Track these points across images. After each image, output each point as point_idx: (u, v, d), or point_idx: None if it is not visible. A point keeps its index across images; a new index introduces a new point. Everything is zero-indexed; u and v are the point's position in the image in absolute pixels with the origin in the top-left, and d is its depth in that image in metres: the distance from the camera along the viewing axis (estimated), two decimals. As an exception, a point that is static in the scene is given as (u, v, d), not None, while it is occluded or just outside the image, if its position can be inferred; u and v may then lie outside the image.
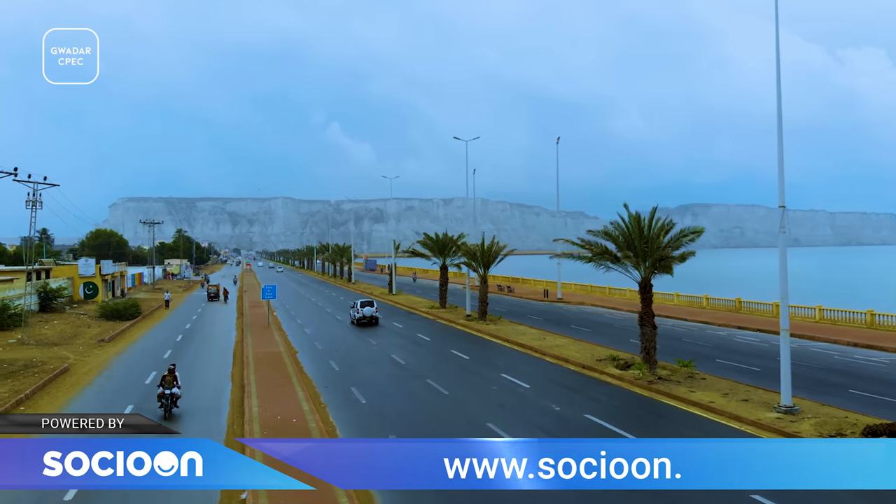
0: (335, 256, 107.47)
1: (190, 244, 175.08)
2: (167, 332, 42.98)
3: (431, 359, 31.74)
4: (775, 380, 24.64)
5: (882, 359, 30.00)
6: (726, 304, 50.10)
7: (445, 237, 52.59)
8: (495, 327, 40.47)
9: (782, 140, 19.68)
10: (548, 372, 27.62)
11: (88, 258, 65.97)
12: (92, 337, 39.21)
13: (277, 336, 39.44)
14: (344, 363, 30.49)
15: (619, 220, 26.74)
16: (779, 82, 19.65)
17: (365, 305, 45.02)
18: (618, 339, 36.17)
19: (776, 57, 19.58)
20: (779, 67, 19.60)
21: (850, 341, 34.21)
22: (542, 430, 18.69)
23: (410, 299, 63.59)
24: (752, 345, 34.85)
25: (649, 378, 24.68)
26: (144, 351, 35.50)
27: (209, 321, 49.52)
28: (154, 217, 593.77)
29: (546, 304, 59.63)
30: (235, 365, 30.81)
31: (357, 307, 45.23)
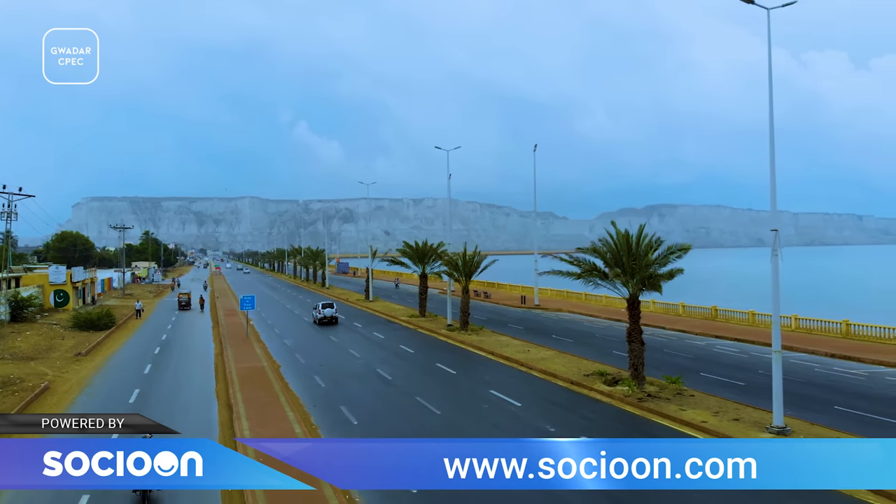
0: (308, 260, 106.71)
1: (158, 246, 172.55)
2: (144, 345, 42.27)
3: (417, 374, 31.64)
4: (761, 395, 25.10)
5: (861, 371, 30.60)
6: (702, 311, 50.73)
7: (425, 245, 52.51)
8: (478, 338, 40.49)
9: (774, 168, 19.94)
10: (537, 388, 27.69)
11: (59, 266, 64.69)
12: (68, 350, 38.43)
13: (258, 348, 39.03)
14: (329, 379, 30.25)
15: (608, 237, 26.97)
16: (771, 118, 19.91)
17: (326, 307, 51.04)
18: (601, 350, 36.41)
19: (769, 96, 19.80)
20: (771, 104, 19.85)
21: (828, 352, 34.84)
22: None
23: (388, 306, 63.35)
24: (732, 356, 35.32)
25: (639, 395, 24.88)
26: (124, 366, 34.87)
27: (185, 332, 48.80)
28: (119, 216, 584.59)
29: (524, 310, 59.87)
30: (219, 381, 30.39)
31: (319, 309, 51.16)
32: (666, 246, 26.39)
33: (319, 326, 49.77)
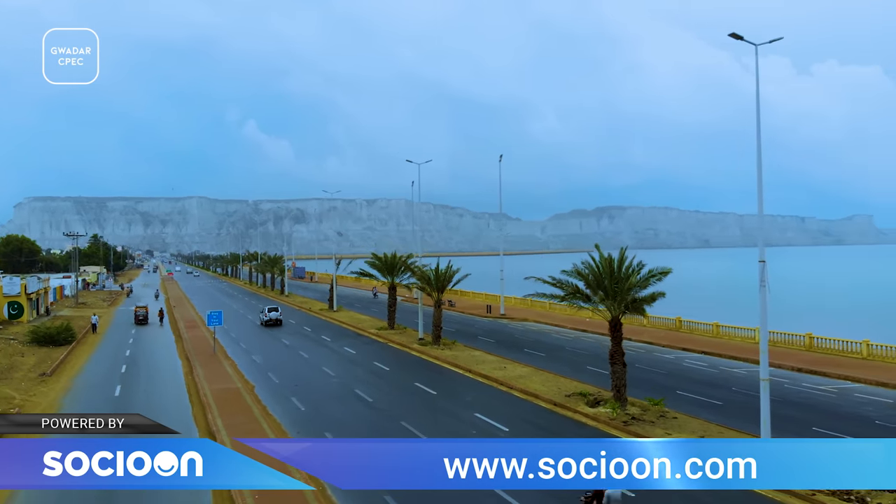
0: (266, 267, 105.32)
1: (108, 250, 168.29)
2: (108, 362, 41.18)
3: (397, 394, 31.48)
4: (740, 416, 25.79)
5: (830, 387, 31.50)
6: (666, 322, 51.55)
7: (395, 257, 52.30)
8: (452, 353, 40.49)
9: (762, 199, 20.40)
10: (520, 410, 27.81)
11: (14, 276, 62.54)
12: (30, 369, 37.21)
13: (227, 366, 38.33)
14: (308, 401, 29.87)
15: (590, 260, 27.31)
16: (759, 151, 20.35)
17: (271, 311, 59.03)
18: (575, 366, 36.75)
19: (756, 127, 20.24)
20: (759, 135, 20.29)
21: (794, 366, 35.79)
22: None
23: (354, 317, 62.84)
24: (702, 371, 36.04)
25: (623, 418, 25.20)
26: (93, 387, 33.93)
27: (149, 347, 47.58)
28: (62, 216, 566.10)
29: (490, 320, 60.11)
30: (195, 404, 29.81)
31: (265, 312, 59.08)
32: (647, 269, 26.83)
33: (288, 342, 49.15)
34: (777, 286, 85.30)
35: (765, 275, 20.11)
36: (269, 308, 59.90)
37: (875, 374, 32.96)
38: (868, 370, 34.11)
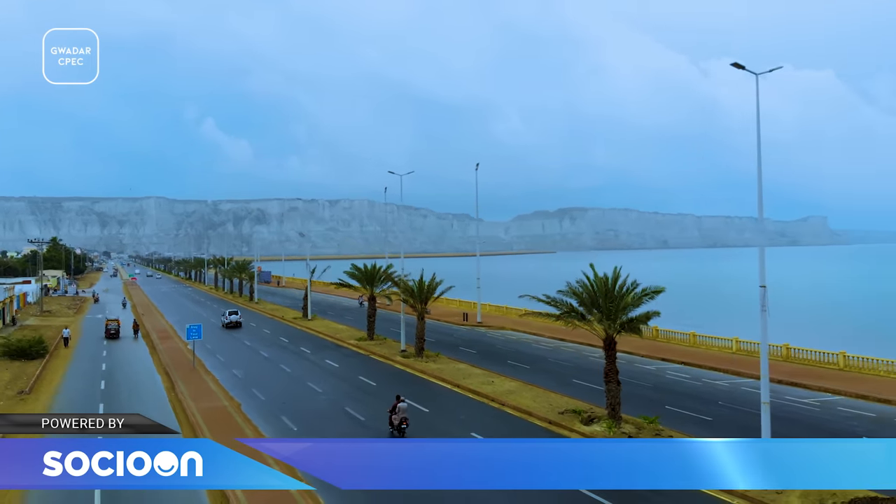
0: (234, 272, 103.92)
1: (68, 254, 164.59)
2: (86, 379, 40.27)
3: (389, 412, 31.32)
4: (734, 433, 26.16)
5: (812, 399, 32.21)
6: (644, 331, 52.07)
7: (374, 268, 52.05)
8: (436, 366, 40.46)
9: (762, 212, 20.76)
10: (516, 429, 27.91)
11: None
12: (6, 385, 36.28)
13: (210, 382, 37.77)
14: (300, 421, 29.57)
15: (585, 279, 27.57)
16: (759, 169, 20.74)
17: (231, 314, 64.64)
18: (561, 379, 37.04)
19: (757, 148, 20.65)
20: (759, 156, 20.68)
21: (775, 378, 36.31)
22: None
23: (331, 326, 62.33)
24: (686, 384, 36.56)
25: (619, 437, 25.45)
26: (75, 406, 33.12)
27: (125, 361, 46.60)
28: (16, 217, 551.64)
29: (468, 328, 60.20)
30: (183, 425, 29.30)
31: (226, 315, 64.77)
32: (641, 288, 27.16)
33: (266, 354, 48.64)
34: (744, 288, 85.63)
35: (765, 300, 20.49)
36: (230, 311, 65.80)
37: (854, 387, 33.79)
38: (846, 382, 34.95)
